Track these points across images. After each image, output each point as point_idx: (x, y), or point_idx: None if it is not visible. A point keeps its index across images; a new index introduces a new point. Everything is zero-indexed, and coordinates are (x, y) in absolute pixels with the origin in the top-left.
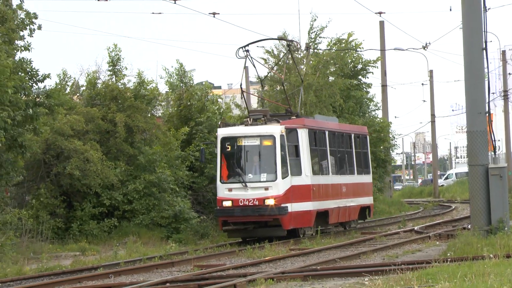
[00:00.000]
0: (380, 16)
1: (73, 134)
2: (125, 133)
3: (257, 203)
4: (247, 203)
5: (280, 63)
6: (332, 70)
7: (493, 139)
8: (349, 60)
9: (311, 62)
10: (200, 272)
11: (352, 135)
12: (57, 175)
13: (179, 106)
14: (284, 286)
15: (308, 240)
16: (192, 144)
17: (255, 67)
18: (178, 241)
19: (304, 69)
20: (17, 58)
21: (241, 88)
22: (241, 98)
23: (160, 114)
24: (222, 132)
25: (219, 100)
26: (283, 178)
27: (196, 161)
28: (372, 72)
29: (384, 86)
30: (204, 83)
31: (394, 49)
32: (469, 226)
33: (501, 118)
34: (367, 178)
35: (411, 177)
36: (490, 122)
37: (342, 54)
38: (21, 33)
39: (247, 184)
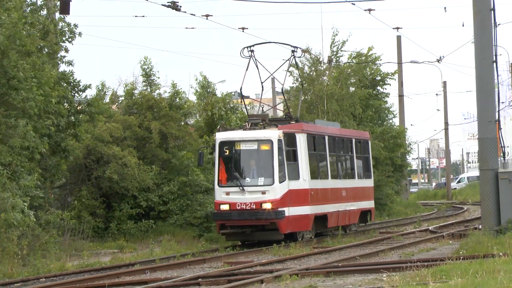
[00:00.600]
0: (397, 31)
1: (112, 140)
2: (159, 139)
3: (254, 207)
4: (244, 206)
5: (305, 75)
6: (352, 81)
7: (502, 145)
8: (369, 72)
9: (333, 73)
10: (230, 269)
11: (353, 140)
12: (97, 178)
13: (206, 115)
14: (308, 281)
15: (330, 239)
16: None
17: (258, 68)
18: (209, 239)
19: (326, 80)
20: (60, 69)
21: (240, 91)
22: (240, 102)
23: (192, 122)
24: (220, 136)
25: (243, 109)
26: (280, 182)
27: None
28: (390, 84)
29: (401, 96)
30: (225, 93)
31: (410, 62)
32: (480, 227)
33: (509, 126)
34: (368, 183)
35: (426, 180)
36: (500, 129)
37: (362, 66)
38: (63, 45)
39: (245, 188)
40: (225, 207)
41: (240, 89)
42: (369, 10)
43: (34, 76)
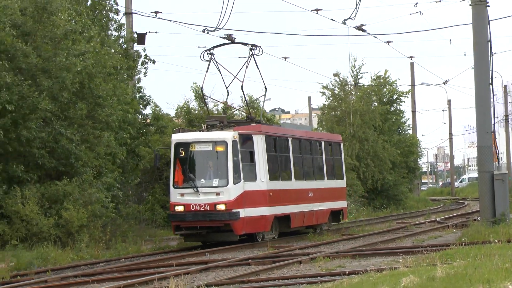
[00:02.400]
0: (411, 59)
1: None
2: None
3: (208, 208)
4: (198, 208)
5: (336, 96)
6: (373, 99)
7: (497, 152)
8: (386, 92)
9: (358, 93)
10: (274, 252)
11: (323, 143)
12: (167, 178)
13: None
14: (337, 262)
15: (356, 227)
16: None
17: (219, 71)
18: None
19: (352, 99)
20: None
21: (201, 90)
22: (202, 101)
23: None
24: (176, 137)
25: (287, 121)
26: (234, 183)
27: None
28: (404, 101)
29: (413, 112)
30: (265, 110)
31: (421, 84)
32: (478, 218)
33: (503, 136)
34: (340, 184)
35: (434, 180)
36: (495, 139)
37: (381, 87)
38: (140, 69)
39: (199, 189)
40: (179, 208)
41: (201, 89)
42: (388, 41)
43: (114, 93)
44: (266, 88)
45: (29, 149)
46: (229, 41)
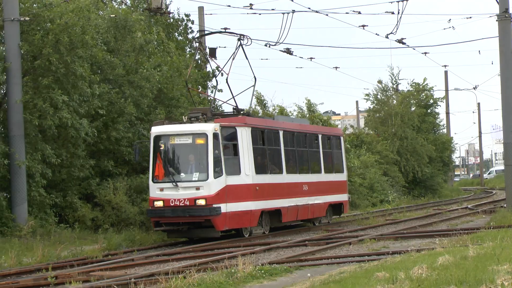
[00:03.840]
0: (445, 67)
1: None
2: None
3: (188, 203)
4: (178, 203)
5: (379, 100)
6: (411, 102)
7: None
8: (424, 97)
9: (399, 97)
10: (327, 234)
11: (319, 136)
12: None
13: None
14: (382, 243)
15: (397, 212)
16: None
17: (207, 59)
18: None
19: (393, 103)
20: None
21: (186, 83)
22: (187, 92)
23: None
24: (155, 130)
25: (338, 122)
26: (215, 177)
27: None
28: (440, 105)
29: (447, 113)
30: (320, 112)
31: (454, 89)
32: (505, 205)
33: None
34: (339, 177)
35: (465, 172)
36: None
37: (419, 92)
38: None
39: (178, 183)
40: (159, 203)
41: (186, 82)
42: (425, 53)
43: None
44: (255, 79)
45: (118, 147)
46: (219, 31)
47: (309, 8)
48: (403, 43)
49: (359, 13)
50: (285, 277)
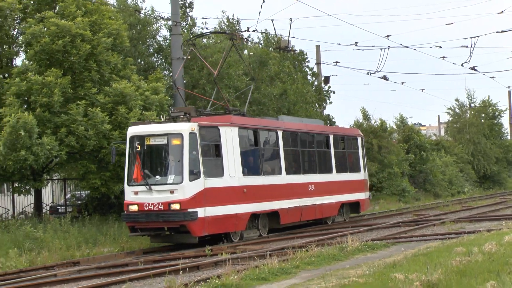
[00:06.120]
0: (509, 88)
1: None
2: (377, 149)
3: (162, 207)
4: (152, 207)
5: (456, 114)
6: (482, 115)
7: None
8: (491, 110)
9: (472, 112)
10: (416, 218)
11: (331, 136)
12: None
13: (403, 134)
14: (459, 225)
15: (471, 201)
16: (409, 153)
17: (201, 58)
18: (404, 202)
19: (468, 116)
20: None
21: (174, 83)
22: (174, 92)
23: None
24: (131, 130)
25: (423, 131)
26: (191, 180)
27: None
28: (503, 116)
29: (510, 124)
30: (409, 124)
31: None
32: None
33: None
34: (355, 176)
35: None
36: None
37: (487, 108)
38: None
39: (152, 187)
40: (133, 208)
41: (174, 81)
42: (493, 77)
43: (308, 115)
44: (254, 79)
45: None
46: (213, 32)
47: (401, 44)
48: (475, 70)
49: (440, 47)
50: (383, 251)
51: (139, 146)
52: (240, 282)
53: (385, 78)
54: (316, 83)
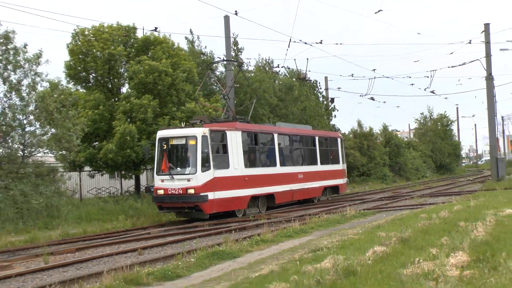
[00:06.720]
0: (456, 105)
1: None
2: (367, 148)
3: (181, 192)
4: (174, 191)
5: (422, 123)
6: (438, 124)
7: (499, 147)
8: (445, 121)
9: (431, 124)
10: (393, 194)
11: (316, 138)
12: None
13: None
14: (423, 199)
15: (431, 183)
16: (387, 147)
17: (217, 82)
18: (385, 183)
19: (429, 124)
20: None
21: (195, 97)
22: (195, 106)
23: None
24: (159, 133)
25: (400, 135)
26: (203, 171)
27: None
28: (453, 124)
29: (458, 130)
30: (392, 130)
31: (462, 117)
32: (490, 178)
33: (501, 140)
34: (335, 167)
35: (468, 161)
36: (498, 142)
37: (442, 118)
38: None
39: (174, 176)
40: (160, 192)
41: (195, 97)
42: (446, 98)
43: (320, 124)
44: (256, 96)
45: None
46: (226, 60)
47: (383, 75)
48: (434, 93)
49: (410, 77)
50: (371, 217)
51: (165, 145)
52: (273, 238)
53: (372, 98)
54: (325, 102)
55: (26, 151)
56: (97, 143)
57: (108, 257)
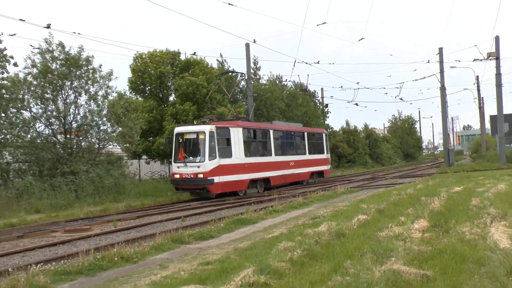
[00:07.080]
0: (419, 109)
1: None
2: (352, 141)
3: (192, 176)
4: (187, 176)
5: (394, 122)
6: (406, 123)
7: (450, 140)
8: (411, 121)
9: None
10: (372, 176)
11: (305, 133)
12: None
13: None
14: (394, 180)
15: (401, 167)
16: (367, 140)
17: (226, 91)
18: (366, 168)
19: (399, 123)
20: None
21: (207, 102)
22: (206, 111)
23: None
24: (176, 129)
25: (378, 132)
26: (210, 160)
27: None
28: (416, 123)
29: (420, 128)
30: (371, 127)
31: (423, 117)
32: (443, 164)
33: (451, 134)
34: (321, 156)
35: (428, 151)
36: (449, 136)
37: (409, 119)
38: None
39: (187, 163)
40: (177, 176)
41: (206, 102)
42: (411, 103)
43: (317, 123)
44: (254, 99)
45: None
46: (233, 71)
47: (365, 86)
48: (402, 100)
49: (384, 88)
50: (356, 193)
51: (180, 139)
52: (282, 209)
53: (356, 104)
54: (321, 107)
55: (100, 144)
56: (151, 138)
57: (159, 222)
